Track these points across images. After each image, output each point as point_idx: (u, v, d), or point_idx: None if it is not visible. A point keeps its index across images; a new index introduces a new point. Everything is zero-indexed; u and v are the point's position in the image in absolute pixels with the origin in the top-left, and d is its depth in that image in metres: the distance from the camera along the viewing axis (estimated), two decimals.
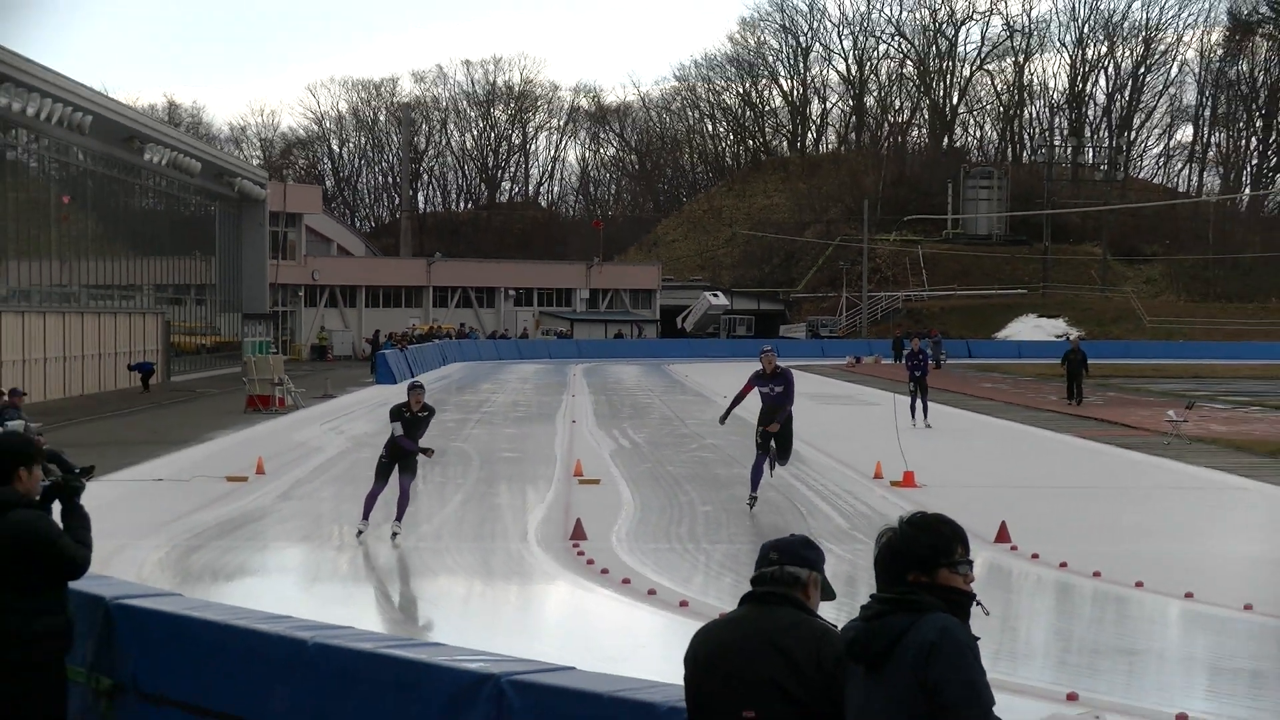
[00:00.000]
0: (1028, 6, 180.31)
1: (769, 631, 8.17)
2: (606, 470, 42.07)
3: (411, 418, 26.70)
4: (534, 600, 24.60)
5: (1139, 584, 26.01)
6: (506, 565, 27.27)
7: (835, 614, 8.99)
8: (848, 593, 7.63)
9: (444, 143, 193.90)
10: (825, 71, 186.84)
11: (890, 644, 7.31)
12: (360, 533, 25.32)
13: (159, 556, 26.13)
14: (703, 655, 8.35)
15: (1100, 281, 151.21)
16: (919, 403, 55.82)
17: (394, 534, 25.25)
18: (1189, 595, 25.01)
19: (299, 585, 26.58)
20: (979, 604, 7.72)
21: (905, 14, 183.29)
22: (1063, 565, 27.87)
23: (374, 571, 28.69)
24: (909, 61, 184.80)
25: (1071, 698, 18.44)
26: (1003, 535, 30.18)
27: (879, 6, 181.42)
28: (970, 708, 7.34)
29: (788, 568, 8.42)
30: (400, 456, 26.37)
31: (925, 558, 7.59)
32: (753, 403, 33.87)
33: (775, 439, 28.97)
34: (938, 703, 7.26)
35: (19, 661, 11.90)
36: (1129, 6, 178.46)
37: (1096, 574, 26.98)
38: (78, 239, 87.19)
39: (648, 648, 18.81)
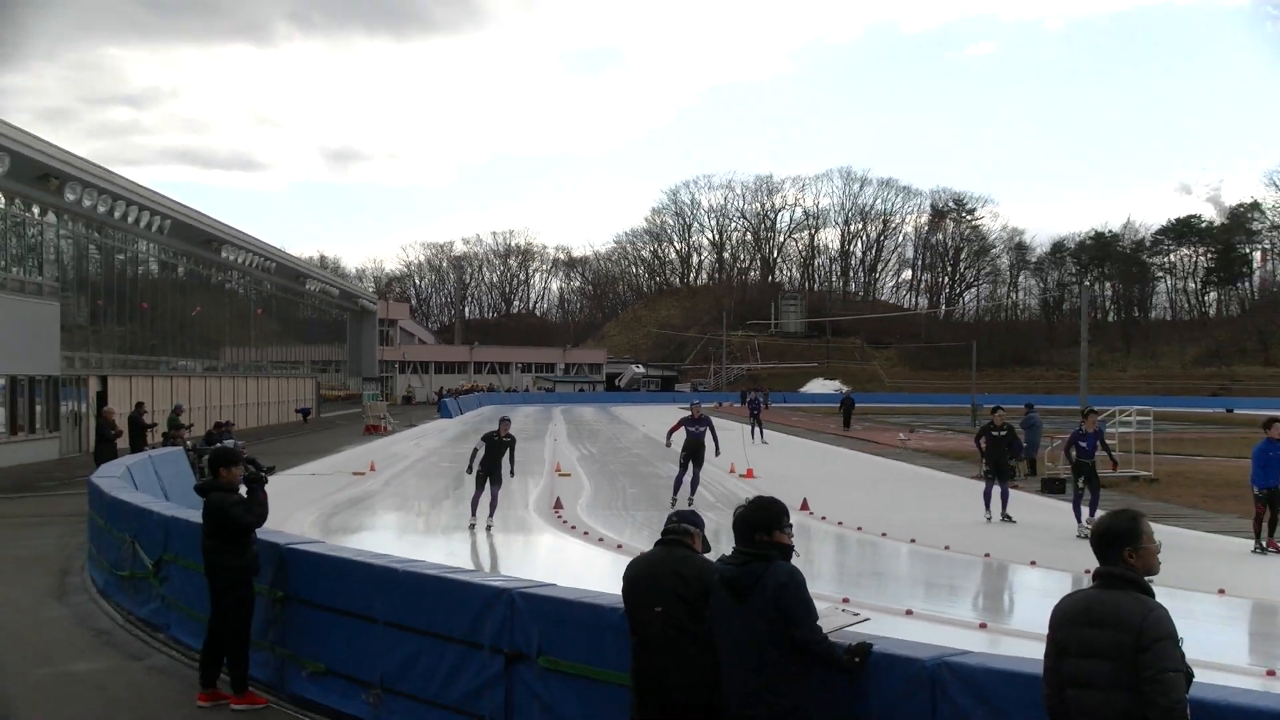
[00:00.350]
0: (816, 201, 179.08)
1: (671, 562, 8.76)
2: (575, 468, 41.94)
3: (498, 441, 25.67)
4: (531, 545, 24.63)
5: (884, 534, 26.32)
6: (516, 524, 27.26)
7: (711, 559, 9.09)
8: (715, 544, 7.55)
9: (481, 278, 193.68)
10: (700, 238, 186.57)
11: (754, 582, 7.85)
12: (471, 526, 24.32)
13: (311, 519, 26.20)
14: (632, 575, 8.88)
15: (859, 359, 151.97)
16: (757, 429, 55.91)
17: (488, 527, 24.27)
18: (913, 540, 25.29)
19: (394, 535, 26.59)
20: (796, 552, 8.29)
21: (746, 205, 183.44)
22: (839, 523, 28.06)
23: (437, 527, 28.80)
24: (749, 233, 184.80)
25: (845, 600, 18.52)
26: (805, 506, 30.04)
27: (732, 201, 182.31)
28: (808, 619, 7.84)
29: (683, 524, 9.09)
30: (490, 470, 25.20)
31: (767, 523, 8.15)
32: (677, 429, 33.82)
33: (693, 462, 28.70)
34: (788, 619, 7.76)
35: (224, 583, 12.45)
36: (874, 200, 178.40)
37: (859, 528, 27.25)
38: (265, 334, 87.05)
39: (599, 573, 18.72)
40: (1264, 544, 23.40)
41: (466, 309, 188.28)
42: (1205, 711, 6.38)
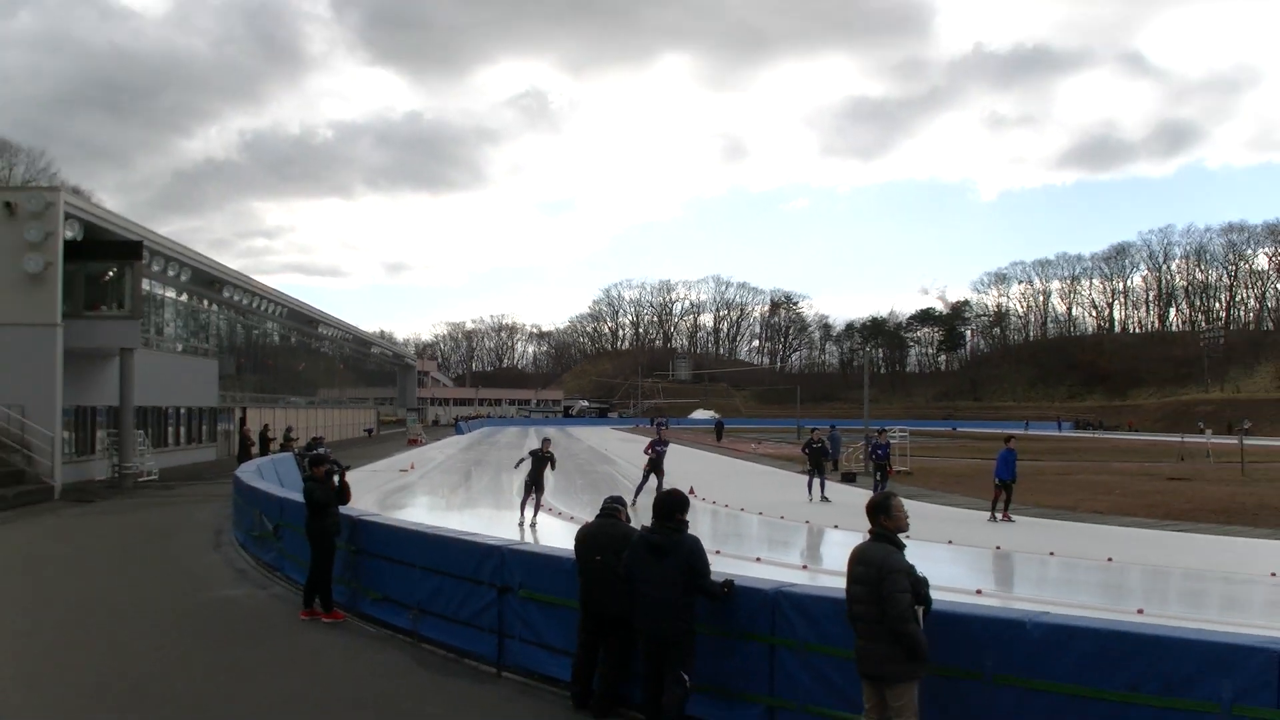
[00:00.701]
0: (698, 296, 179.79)
1: (606, 528, 9.04)
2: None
3: (541, 455, 23.83)
4: (516, 517, 24.01)
5: (742, 509, 26.11)
6: (505, 504, 26.77)
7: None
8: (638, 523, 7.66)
9: (483, 345, 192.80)
10: (624, 319, 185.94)
11: (674, 546, 8.06)
12: (520, 524, 22.80)
13: (373, 499, 25.63)
14: (581, 536, 9.17)
15: (726, 396, 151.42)
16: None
17: (533, 524, 22.69)
18: (760, 513, 25.06)
19: (426, 510, 26.23)
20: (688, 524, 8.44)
21: (653, 298, 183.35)
22: (714, 502, 27.68)
23: (455, 505, 28.40)
24: (655, 316, 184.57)
25: (716, 553, 18.38)
26: (692, 491, 29.62)
27: (645, 296, 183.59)
28: (707, 571, 8.13)
29: (614, 505, 9.36)
30: (535, 479, 23.54)
31: (680, 506, 8.41)
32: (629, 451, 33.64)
33: (655, 472, 28.16)
34: (695, 571, 8.04)
35: (315, 540, 12.73)
36: (734, 295, 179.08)
37: (726, 505, 26.95)
38: (344, 380, 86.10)
39: (559, 536, 18.51)
40: (997, 516, 23.25)
41: (474, 364, 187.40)
42: (938, 617, 7.00)
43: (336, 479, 13.14)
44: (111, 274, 32.87)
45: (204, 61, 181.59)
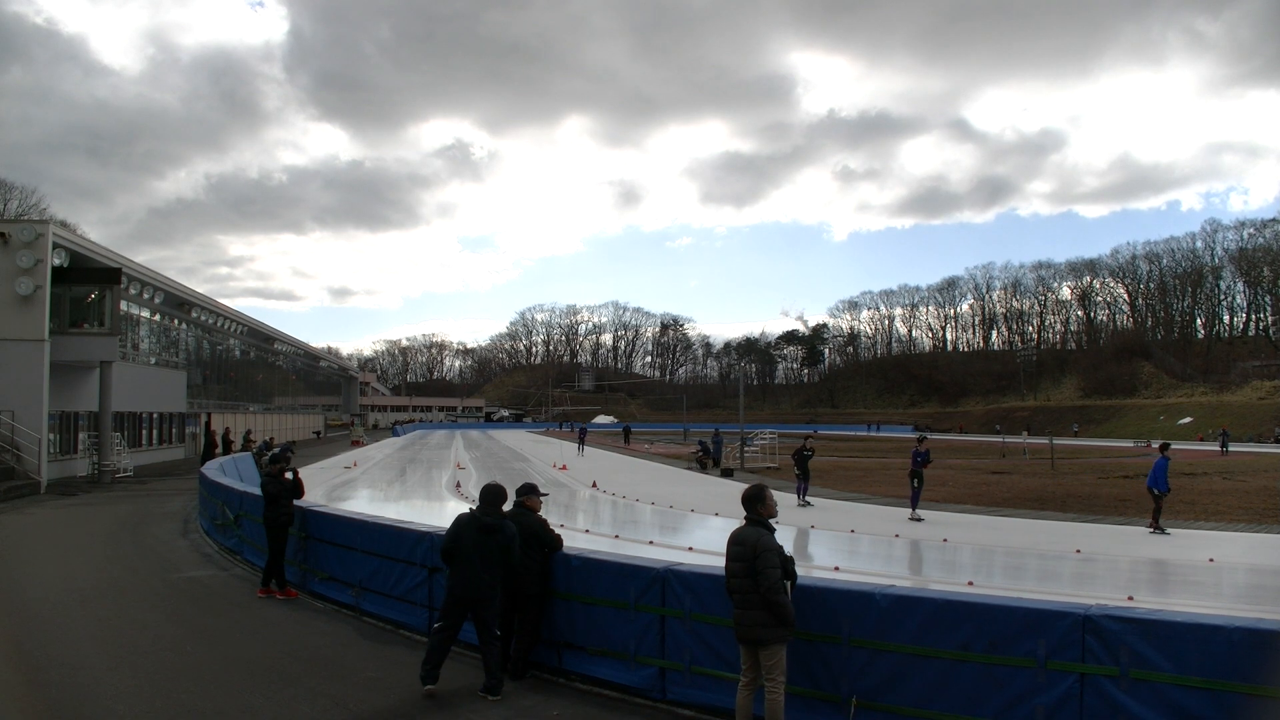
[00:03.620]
0: (599, 319, 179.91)
1: (518, 516, 8.91)
2: (468, 464, 40.67)
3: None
4: (444, 509, 23.35)
5: (637, 499, 25.76)
6: (435, 496, 26.52)
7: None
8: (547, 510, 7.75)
9: (417, 359, 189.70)
10: (537, 338, 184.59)
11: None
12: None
13: (321, 493, 25.04)
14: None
15: (624, 404, 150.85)
16: (582, 445, 53.16)
17: None
18: (653, 502, 24.84)
19: (366, 502, 25.64)
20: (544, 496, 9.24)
21: (561, 320, 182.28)
22: (613, 494, 27.41)
23: (391, 498, 27.81)
24: (563, 336, 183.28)
25: (616, 537, 18.24)
26: (595, 485, 29.67)
27: (554, 319, 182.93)
28: (555, 541, 8.63)
29: (523, 496, 9.21)
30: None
31: (525, 492, 8.94)
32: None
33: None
34: (545, 541, 8.60)
35: (270, 527, 12.46)
36: (630, 319, 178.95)
37: (624, 496, 26.65)
38: (295, 390, 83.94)
39: None
40: (1162, 528, 19.02)
41: (408, 376, 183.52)
42: (803, 590, 7.12)
43: (290, 475, 12.91)
44: (93, 296, 32.45)
45: (174, 114, 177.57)
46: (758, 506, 7.09)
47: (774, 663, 6.69)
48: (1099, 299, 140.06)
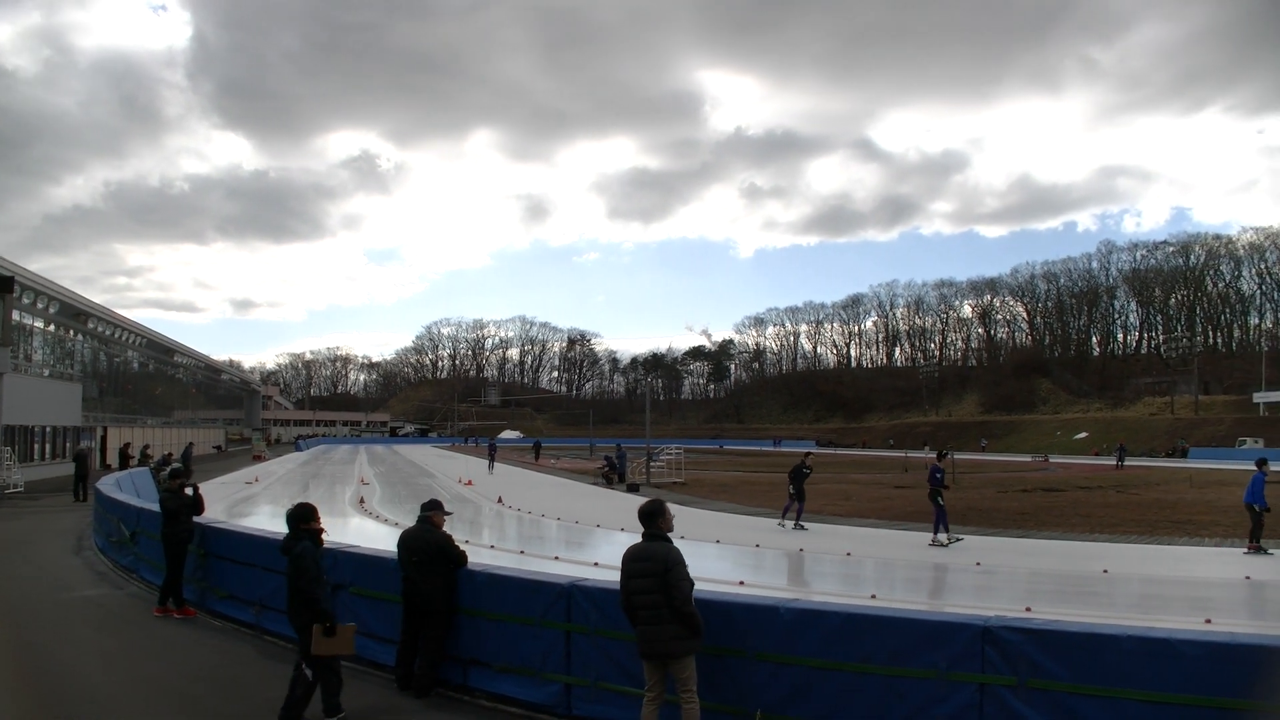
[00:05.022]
0: (505, 333, 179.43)
1: (422, 533, 8.93)
2: (372, 479, 40.13)
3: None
4: (347, 525, 22.95)
5: (544, 515, 25.56)
6: (340, 512, 25.95)
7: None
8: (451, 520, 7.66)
9: (320, 373, 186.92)
10: (443, 352, 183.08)
11: (419, 541, 8.70)
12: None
13: (221, 509, 24.35)
14: (401, 540, 9.03)
15: (530, 419, 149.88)
16: (493, 462, 50.82)
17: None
18: (559, 518, 24.72)
19: (268, 518, 24.91)
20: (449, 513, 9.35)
21: (467, 335, 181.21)
22: (518, 509, 27.23)
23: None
24: (470, 350, 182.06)
25: (521, 553, 18.09)
26: (500, 500, 29.44)
27: (460, 333, 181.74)
28: (460, 556, 8.76)
29: (428, 512, 9.13)
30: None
31: (430, 508, 9.10)
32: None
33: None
34: (450, 557, 8.72)
35: (169, 544, 12.08)
36: (538, 333, 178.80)
37: (530, 512, 26.50)
38: (196, 404, 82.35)
39: (385, 539, 17.97)
40: (1263, 547, 18.31)
41: (312, 390, 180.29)
42: (709, 605, 7.11)
43: (190, 490, 12.61)
44: None
45: (72, 118, 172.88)
46: (657, 520, 7.11)
47: (688, 674, 6.70)
48: (999, 317, 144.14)
